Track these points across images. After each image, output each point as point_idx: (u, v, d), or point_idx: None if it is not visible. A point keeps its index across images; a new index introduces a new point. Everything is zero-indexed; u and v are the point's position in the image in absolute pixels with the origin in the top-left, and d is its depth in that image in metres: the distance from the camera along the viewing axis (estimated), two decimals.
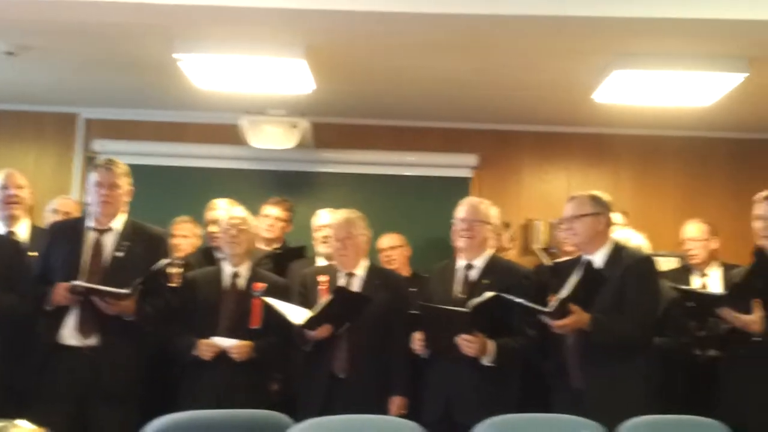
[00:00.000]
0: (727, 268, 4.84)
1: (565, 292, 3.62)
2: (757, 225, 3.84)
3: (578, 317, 3.64)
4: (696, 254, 5.09)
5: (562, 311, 3.63)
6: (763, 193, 3.89)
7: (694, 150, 6.45)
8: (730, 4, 3.76)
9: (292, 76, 4.90)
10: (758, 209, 3.86)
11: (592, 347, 3.72)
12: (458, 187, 6.11)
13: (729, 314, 3.66)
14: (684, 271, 5.14)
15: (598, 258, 3.90)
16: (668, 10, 3.90)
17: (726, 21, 3.42)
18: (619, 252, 3.91)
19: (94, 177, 4.10)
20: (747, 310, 3.61)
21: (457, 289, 4.03)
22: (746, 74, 4.73)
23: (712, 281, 5.00)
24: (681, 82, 4.88)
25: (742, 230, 4.08)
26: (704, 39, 4.16)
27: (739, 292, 3.65)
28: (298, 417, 3.14)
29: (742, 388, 3.75)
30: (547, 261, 5.67)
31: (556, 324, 3.65)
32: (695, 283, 5.03)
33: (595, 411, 3.17)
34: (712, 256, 5.11)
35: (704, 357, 4.48)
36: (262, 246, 5.13)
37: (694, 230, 5.14)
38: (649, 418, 3.22)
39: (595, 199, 3.97)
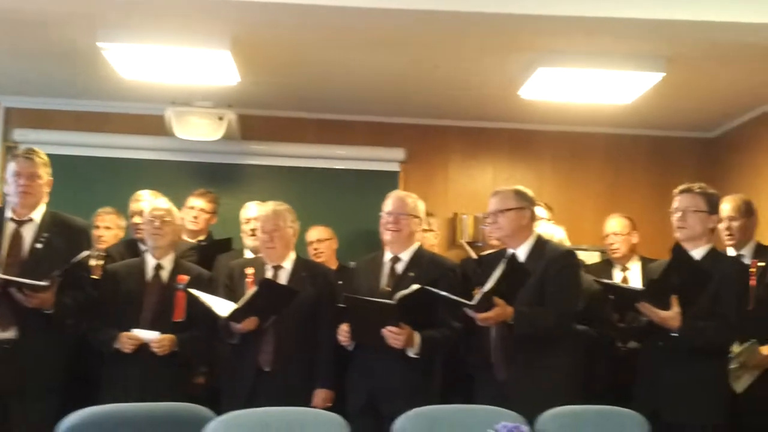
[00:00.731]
0: (646, 262, 4.95)
1: (488, 285, 3.66)
2: (674, 218, 3.94)
3: (501, 310, 3.69)
4: (617, 248, 5.21)
5: (485, 304, 3.67)
6: (681, 187, 3.99)
7: (615, 146, 6.59)
8: (649, 4, 3.84)
9: (218, 68, 4.86)
10: (675, 203, 3.96)
11: (514, 339, 3.78)
12: (386, 181, 6.14)
13: (648, 309, 3.72)
14: (606, 265, 5.26)
15: (522, 251, 3.96)
16: (589, 9, 3.97)
17: (644, 21, 3.51)
18: (542, 246, 3.98)
19: (13, 167, 4.01)
20: (666, 305, 3.69)
21: (384, 281, 4.05)
22: (663, 74, 4.86)
23: (632, 275, 5.13)
24: (602, 80, 4.99)
25: (662, 225, 4.19)
26: (624, 38, 4.26)
27: (657, 288, 3.71)
28: (222, 410, 3.12)
29: (659, 380, 3.83)
30: (473, 254, 5.74)
31: (480, 317, 3.70)
32: (617, 276, 5.15)
33: (517, 402, 3.22)
34: (632, 251, 5.24)
35: (625, 349, 4.60)
36: (187, 238, 5.09)
37: (615, 225, 5.26)
38: (567, 408, 3.28)
39: (519, 194, 4.02)
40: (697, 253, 3.88)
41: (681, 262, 3.74)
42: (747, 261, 4.53)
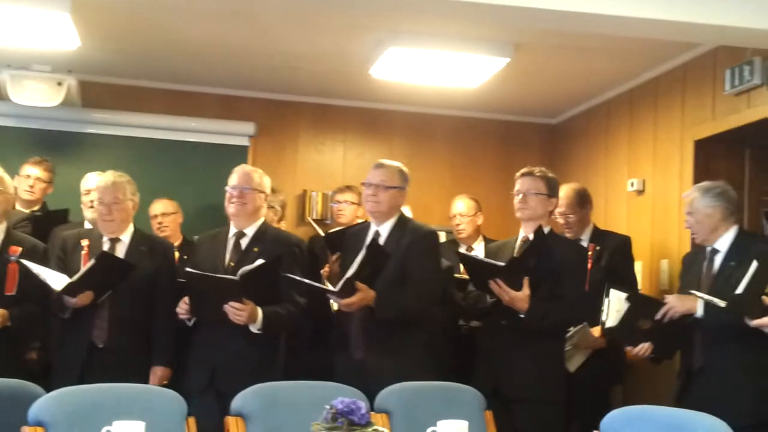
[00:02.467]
0: (489, 242, 5.07)
1: (351, 271, 3.65)
2: (515, 200, 4.04)
3: (364, 295, 3.69)
4: (463, 229, 5.31)
5: (348, 289, 3.66)
6: (522, 171, 4.09)
7: (463, 129, 6.70)
8: None
9: (56, 31, 4.62)
10: (516, 185, 4.06)
11: (375, 321, 3.78)
12: (235, 155, 6.00)
13: (500, 287, 3.78)
14: (452, 245, 5.35)
15: (385, 228, 3.96)
16: None
17: (492, 6, 3.55)
18: (404, 224, 3.98)
19: None
20: (518, 286, 3.77)
21: (228, 256, 3.99)
22: (509, 59, 4.98)
23: (481, 256, 5.25)
24: (451, 63, 5.07)
25: (506, 207, 4.29)
26: (472, 22, 4.32)
27: (514, 267, 3.78)
28: (52, 387, 3.00)
29: (500, 357, 3.92)
30: (320, 232, 5.72)
31: (344, 302, 3.69)
32: None
33: (374, 380, 3.23)
34: (477, 231, 5.36)
35: (468, 328, 4.70)
36: (21, 208, 4.85)
37: (461, 206, 5.35)
38: (407, 384, 3.32)
39: (403, 173, 4.03)
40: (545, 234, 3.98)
41: (540, 245, 3.83)
42: (584, 245, 4.72)
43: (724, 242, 3.72)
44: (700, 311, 3.57)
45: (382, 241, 3.90)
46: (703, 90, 4.90)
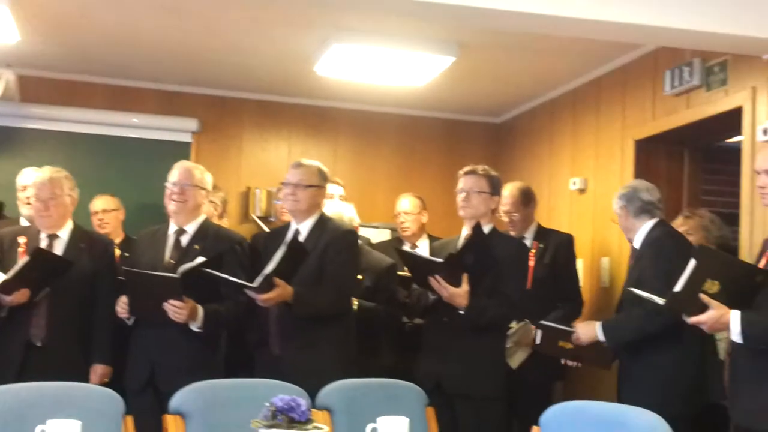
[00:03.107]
0: (434, 240, 5.09)
1: (269, 267, 3.65)
2: (458, 198, 4.06)
3: (282, 291, 3.70)
4: (408, 227, 5.31)
5: (266, 285, 3.65)
6: (465, 169, 4.11)
7: (409, 127, 6.71)
8: None
9: None
10: (459, 183, 4.08)
11: (292, 317, 3.80)
12: (177, 152, 5.91)
13: (439, 283, 3.81)
14: (397, 243, 5.35)
15: (305, 227, 3.99)
16: None
17: (437, 4, 3.55)
18: (324, 223, 4.01)
19: None
20: (457, 282, 3.78)
21: (168, 254, 3.94)
22: (454, 58, 5.00)
23: (421, 253, 5.26)
24: (396, 61, 5.07)
25: (450, 205, 4.31)
26: (418, 20, 4.33)
27: (453, 263, 3.80)
28: None
29: (441, 354, 3.94)
30: (265, 228, 5.69)
31: (261, 298, 3.68)
32: None
33: (292, 377, 3.22)
34: (422, 229, 5.37)
35: (411, 325, 4.71)
36: None
37: (406, 204, 5.36)
38: (349, 381, 3.30)
39: (322, 173, 4.05)
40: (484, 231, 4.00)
41: (478, 241, 3.85)
42: (528, 243, 4.76)
43: (638, 239, 3.95)
44: (599, 336, 3.82)
45: (302, 239, 3.93)
46: (643, 91, 4.98)
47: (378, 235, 5.95)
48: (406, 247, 5.23)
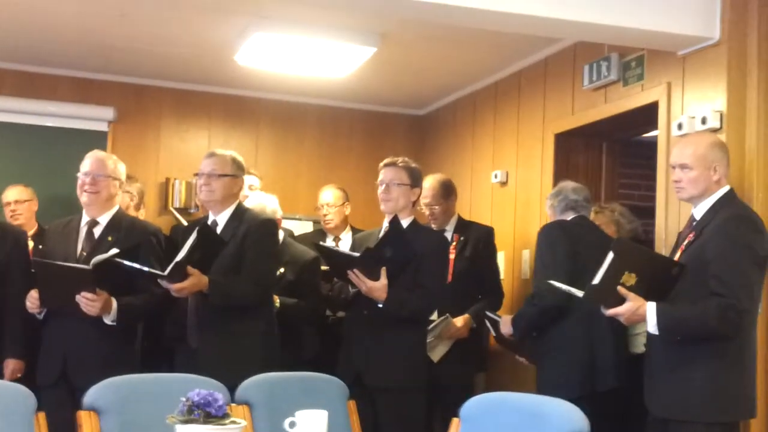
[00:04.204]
0: (355, 232, 5.07)
1: (181, 255, 3.60)
2: (379, 190, 4.05)
3: (196, 280, 3.64)
4: (331, 219, 5.28)
5: (180, 274, 3.59)
6: (385, 161, 4.10)
7: (331, 119, 6.67)
8: None
9: None
10: (380, 175, 4.07)
11: (209, 308, 3.75)
12: (93, 141, 5.75)
13: (358, 277, 3.79)
14: (319, 235, 5.33)
15: (222, 218, 3.95)
16: None
17: None
18: (241, 213, 3.97)
19: None
20: (376, 276, 3.77)
21: (80, 245, 3.86)
22: (376, 49, 4.98)
23: (344, 245, 5.23)
24: (317, 51, 5.03)
25: (373, 197, 4.29)
26: (339, 10, 4.31)
27: (371, 257, 3.79)
28: None
29: (362, 346, 3.93)
30: (183, 221, 5.58)
31: (175, 287, 3.63)
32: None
33: (209, 370, 3.17)
34: (345, 222, 5.35)
35: (334, 318, 4.69)
36: None
37: (329, 196, 5.33)
38: (270, 375, 3.27)
39: (236, 162, 4.01)
40: (401, 224, 4.01)
41: (395, 235, 3.84)
42: (449, 236, 4.77)
43: None
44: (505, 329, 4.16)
45: (219, 230, 3.88)
46: (563, 85, 5.04)
47: (301, 227, 5.92)
48: (329, 240, 5.22)
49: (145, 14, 4.80)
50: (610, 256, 3.14)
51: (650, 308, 3.11)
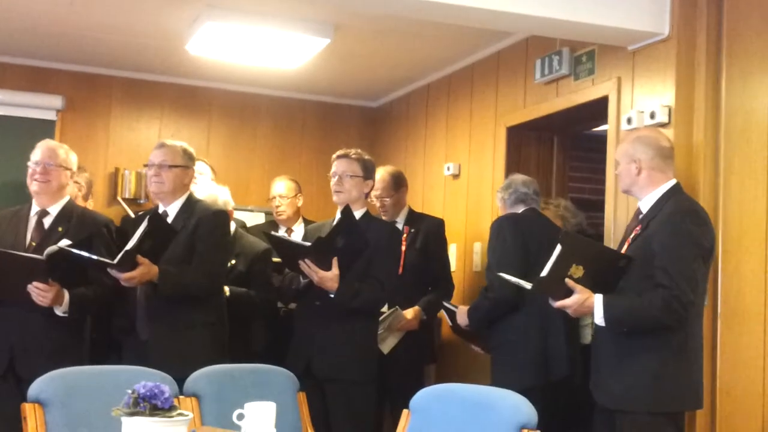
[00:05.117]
0: (308, 224, 5.06)
1: (131, 244, 3.57)
2: (332, 182, 4.05)
3: (146, 269, 3.62)
4: (283, 210, 5.26)
5: (129, 263, 3.56)
6: (338, 153, 4.10)
7: (284, 110, 6.63)
8: None
9: None
10: (333, 167, 4.07)
11: (159, 299, 3.73)
12: (41, 130, 5.67)
13: (309, 267, 3.79)
14: (271, 226, 5.30)
15: (173, 209, 3.93)
16: None
17: None
18: (193, 204, 3.95)
19: None
20: (328, 266, 3.77)
21: (30, 236, 3.81)
22: (329, 40, 4.96)
23: (296, 236, 5.22)
24: (270, 42, 4.99)
25: (326, 189, 4.28)
26: (292, 1, 4.29)
27: (322, 247, 3.78)
28: None
29: (312, 337, 3.92)
30: (131, 212, 5.52)
31: (124, 276, 3.60)
32: None
33: (159, 362, 3.15)
34: (297, 213, 5.33)
35: (285, 310, 4.67)
36: None
37: (281, 187, 5.31)
38: (219, 367, 3.25)
39: (187, 153, 3.99)
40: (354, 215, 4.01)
41: (348, 224, 3.84)
42: (400, 227, 4.78)
43: None
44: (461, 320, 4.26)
45: (169, 221, 3.86)
46: (515, 78, 5.07)
47: (253, 219, 5.88)
48: (282, 231, 5.19)
49: (96, 2, 4.72)
50: (558, 248, 3.17)
51: (597, 300, 3.16)
